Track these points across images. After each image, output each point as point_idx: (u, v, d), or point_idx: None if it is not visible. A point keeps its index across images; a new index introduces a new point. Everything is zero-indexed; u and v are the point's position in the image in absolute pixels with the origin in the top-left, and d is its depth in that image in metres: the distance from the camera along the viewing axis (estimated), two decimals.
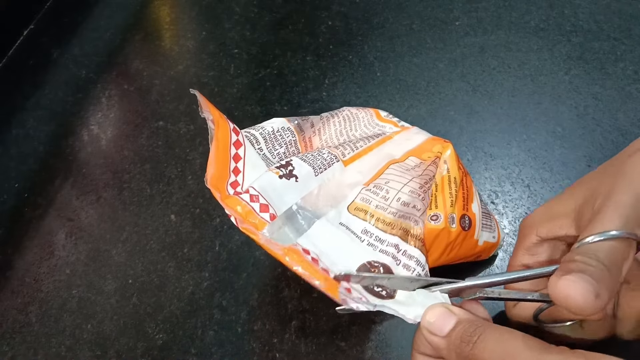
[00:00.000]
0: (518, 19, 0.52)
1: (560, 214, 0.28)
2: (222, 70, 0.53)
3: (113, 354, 0.37)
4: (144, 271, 0.40)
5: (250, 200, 0.29)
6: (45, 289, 0.40)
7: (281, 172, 0.31)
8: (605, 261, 0.22)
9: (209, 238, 0.41)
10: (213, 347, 0.36)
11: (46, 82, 0.55)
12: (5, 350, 0.38)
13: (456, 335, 0.24)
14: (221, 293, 0.38)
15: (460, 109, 0.46)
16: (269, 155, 0.33)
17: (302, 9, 0.57)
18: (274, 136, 0.34)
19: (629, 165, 0.26)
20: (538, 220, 0.30)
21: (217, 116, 0.31)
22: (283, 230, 0.29)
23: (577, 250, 0.23)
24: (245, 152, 0.31)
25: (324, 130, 0.37)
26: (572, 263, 0.23)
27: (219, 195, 0.29)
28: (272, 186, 0.30)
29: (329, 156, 0.33)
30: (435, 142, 0.36)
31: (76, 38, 0.58)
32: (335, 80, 0.50)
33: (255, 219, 0.28)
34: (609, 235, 0.23)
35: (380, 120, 0.39)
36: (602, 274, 0.22)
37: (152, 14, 0.61)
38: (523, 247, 0.30)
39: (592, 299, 0.21)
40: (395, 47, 0.52)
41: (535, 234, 0.29)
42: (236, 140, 0.31)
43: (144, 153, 0.47)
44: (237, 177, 0.30)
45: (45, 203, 0.45)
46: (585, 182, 0.28)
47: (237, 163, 0.30)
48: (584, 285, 0.21)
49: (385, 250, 0.29)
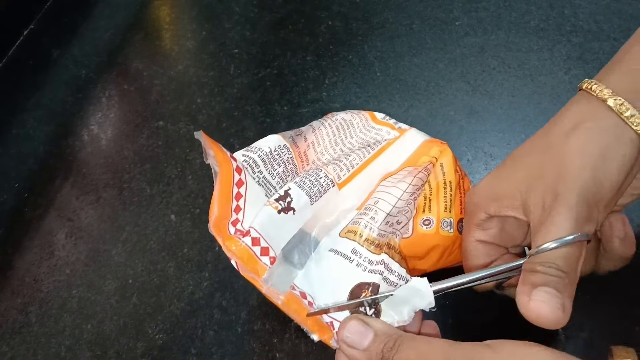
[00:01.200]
0: (518, 19, 0.52)
1: (505, 195, 0.29)
2: (222, 70, 0.53)
3: (113, 354, 0.37)
4: (144, 271, 0.40)
5: (252, 244, 0.29)
6: (45, 289, 0.40)
7: (280, 206, 0.31)
8: (565, 268, 0.24)
9: (209, 238, 0.41)
10: (213, 347, 0.36)
11: (46, 82, 0.55)
12: (5, 350, 0.38)
13: (376, 349, 0.25)
14: (221, 293, 0.38)
15: (460, 109, 0.46)
16: (268, 177, 0.34)
17: (302, 9, 0.57)
18: (272, 156, 0.35)
19: (570, 154, 0.27)
20: (484, 198, 0.30)
21: (221, 158, 0.32)
22: (281, 272, 0.30)
23: (537, 260, 0.25)
24: (247, 189, 0.32)
25: (317, 142, 0.37)
26: (534, 275, 0.25)
27: (220, 239, 0.30)
28: (271, 222, 0.31)
29: (326, 181, 0.33)
30: (432, 145, 0.36)
31: (76, 38, 0.58)
32: (335, 80, 0.50)
33: (257, 264, 0.29)
34: (565, 241, 0.25)
35: (377, 123, 0.38)
36: (564, 284, 0.24)
37: (152, 14, 0.61)
38: (474, 223, 0.31)
39: (560, 314, 0.23)
40: (395, 47, 0.52)
41: (483, 212, 0.30)
42: (238, 180, 0.32)
43: (144, 153, 0.47)
44: (237, 214, 0.31)
45: (45, 203, 0.45)
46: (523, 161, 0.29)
47: (239, 201, 0.31)
48: (551, 302, 0.23)
49: (374, 269, 0.30)
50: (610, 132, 0.27)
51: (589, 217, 0.25)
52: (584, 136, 0.27)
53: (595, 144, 0.26)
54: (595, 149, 0.26)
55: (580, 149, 0.26)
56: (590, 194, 0.25)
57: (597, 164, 0.26)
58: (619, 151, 0.26)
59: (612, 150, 0.26)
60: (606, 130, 0.27)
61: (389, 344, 0.25)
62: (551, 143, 0.28)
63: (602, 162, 0.26)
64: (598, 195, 0.26)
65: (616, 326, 0.34)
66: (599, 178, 0.26)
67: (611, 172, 0.26)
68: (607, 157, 0.26)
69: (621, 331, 0.33)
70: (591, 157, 0.26)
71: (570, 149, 0.27)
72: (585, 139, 0.27)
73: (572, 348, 0.33)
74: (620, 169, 0.26)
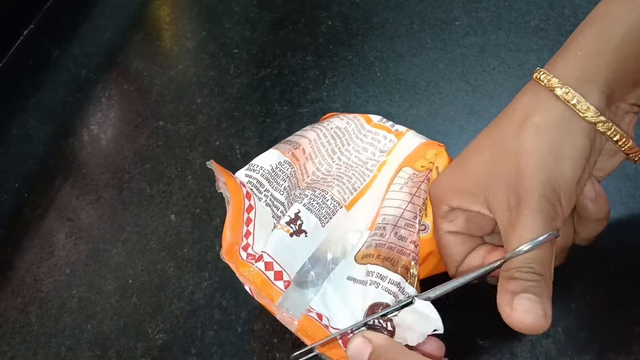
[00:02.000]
0: (518, 19, 0.52)
1: (466, 190, 0.29)
2: (222, 70, 0.53)
3: (113, 354, 0.37)
4: (144, 271, 0.40)
5: (266, 269, 0.30)
6: (45, 289, 0.40)
7: (291, 229, 0.31)
8: (540, 271, 0.25)
9: (209, 238, 0.41)
10: (213, 347, 0.36)
11: (46, 82, 0.55)
12: (5, 350, 0.38)
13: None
14: (221, 293, 0.38)
15: (460, 109, 0.46)
16: (275, 194, 0.34)
17: (302, 9, 0.57)
18: (274, 174, 0.35)
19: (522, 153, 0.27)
20: (446, 191, 0.30)
21: (233, 186, 0.32)
22: (296, 296, 0.31)
23: (514, 265, 0.25)
24: (256, 212, 0.32)
25: (314, 154, 0.37)
26: (513, 282, 0.25)
27: (233, 265, 0.30)
28: (284, 246, 0.31)
29: (333, 203, 0.33)
30: (429, 147, 0.35)
31: (76, 38, 0.58)
32: (335, 80, 0.50)
33: (271, 289, 0.29)
34: (537, 242, 0.25)
35: (373, 126, 0.38)
36: (542, 287, 0.25)
37: (152, 14, 0.61)
38: (439, 215, 0.31)
39: (543, 320, 0.24)
40: (395, 47, 0.52)
41: (446, 204, 0.30)
42: (248, 206, 0.32)
43: (144, 153, 0.47)
44: (247, 239, 0.31)
45: (45, 203, 0.45)
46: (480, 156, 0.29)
47: (249, 226, 0.31)
48: (533, 311, 0.24)
49: (388, 288, 0.29)
50: (560, 125, 0.27)
51: (554, 214, 0.26)
52: (534, 133, 0.27)
53: (545, 141, 0.26)
54: (546, 146, 0.26)
55: (532, 147, 0.26)
56: (549, 192, 0.26)
57: (550, 163, 0.26)
58: (570, 145, 0.26)
59: (563, 146, 0.26)
60: (554, 124, 0.27)
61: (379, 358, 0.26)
62: (503, 138, 0.28)
63: (555, 161, 0.26)
64: (557, 192, 0.26)
65: (616, 326, 0.34)
66: (554, 177, 0.26)
67: (564, 171, 0.26)
68: (559, 155, 0.26)
69: (621, 331, 0.33)
70: (543, 156, 0.26)
71: (522, 147, 0.27)
72: (535, 136, 0.27)
73: (572, 348, 0.33)
74: (574, 165, 0.26)
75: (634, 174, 0.40)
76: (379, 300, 0.29)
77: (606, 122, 0.27)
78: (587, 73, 0.27)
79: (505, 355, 0.33)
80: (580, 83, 0.27)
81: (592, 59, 0.27)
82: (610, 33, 0.27)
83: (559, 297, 0.35)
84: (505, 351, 0.33)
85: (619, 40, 0.26)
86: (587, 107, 0.26)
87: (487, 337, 0.34)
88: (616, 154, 0.29)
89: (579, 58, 0.28)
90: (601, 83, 0.27)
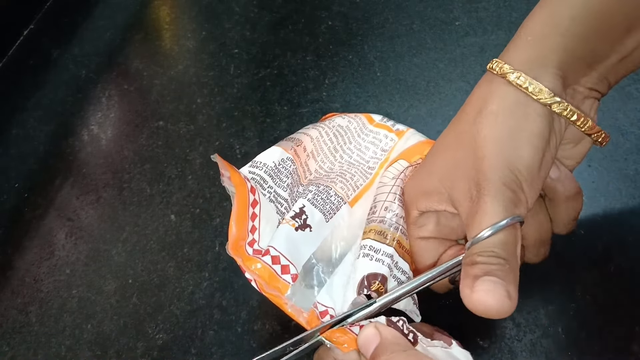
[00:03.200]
0: (518, 19, 0.52)
1: (431, 190, 0.29)
2: (222, 70, 0.53)
3: (113, 354, 0.37)
4: (144, 271, 0.40)
5: (272, 263, 0.30)
6: (45, 289, 0.40)
7: (297, 224, 0.31)
8: (504, 255, 0.24)
9: (209, 238, 0.41)
10: (213, 347, 0.36)
11: (46, 82, 0.55)
12: (5, 350, 0.38)
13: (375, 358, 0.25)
14: (221, 293, 0.38)
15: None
16: (279, 190, 0.34)
17: (302, 9, 0.57)
18: (277, 170, 0.35)
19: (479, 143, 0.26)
20: (414, 196, 0.30)
21: (237, 180, 0.32)
22: (304, 289, 0.31)
23: (475, 250, 0.24)
24: (261, 208, 0.32)
25: (317, 152, 0.37)
26: (475, 266, 0.24)
27: (240, 260, 0.30)
28: (290, 240, 0.31)
29: (337, 199, 0.34)
30: (427, 145, 0.36)
31: (76, 38, 0.58)
32: (335, 80, 0.50)
33: (278, 282, 0.29)
34: (499, 226, 0.24)
35: (374, 126, 0.38)
36: (506, 270, 0.23)
37: (152, 14, 0.61)
38: (410, 222, 0.31)
39: (507, 302, 0.23)
40: (395, 47, 0.52)
41: (415, 209, 0.30)
42: (253, 200, 0.32)
43: (144, 153, 0.47)
44: (253, 235, 0.31)
45: (45, 203, 0.45)
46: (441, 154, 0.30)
47: (254, 221, 0.31)
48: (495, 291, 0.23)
49: (381, 259, 0.30)
50: (515, 111, 0.26)
51: (516, 200, 0.25)
52: (490, 121, 0.26)
53: (501, 128, 0.26)
54: (504, 133, 0.26)
55: (489, 136, 0.26)
56: (509, 178, 0.25)
57: (507, 150, 0.25)
58: (527, 130, 0.26)
59: (520, 132, 0.26)
60: (509, 110, 0.26)
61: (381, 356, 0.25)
62: (461, 131, 0.28)
63: (513, 147, 0.25)
64: (517, 178, 0.25)
65: (616, 326, 0.34)
66: (513, 164, 0.25)
67: (522, 156, 0.25)
68: (516, 140, 0.25)
69: (621, 331, 0.33)
70: (500, 143, 0.26)
71: (479, 136, 0.26)
72: (491, 124, 0.26)
73: (572, 348, 0.33)
74: (533, 150, 0.25)
75: (634, 174, 0.40)
76: (374, 271, 0.29)
77: (561, 103, 0.26)
78: (538, 57, 0.26)
79: (505, 355, 0.33)
80: (532, 67, 0.26)
81: (542, 42, 0.27)
82: (559, 16, 0.26)
83: (559, 297, 0.35)
84: (505, 351, 0.33)
85: (568, 22, 0.26)
86: (539, 89, 0.25)
87: (487, 337, 0.34)
88: (582, 140, 0.29)
89: (529, 43, 0.27)
90: (553, 66, 0.26)
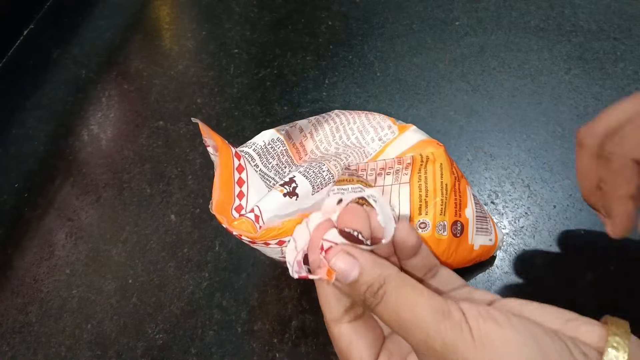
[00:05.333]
0: (518, 19, 0.52)
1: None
2: (222, 70, 0.53)
3: (113, 354, 0.37)
4: (144, 271, 0.40)
5: (255, 221, 0.30)
6: (45, 289, 0.40)
7: (285, 190, 0.31)
8: None
9: (209, 238, 0.41)
10: (213, 347, 0.36)
11: (46, 82, 0.55)
12: (5, 350, 0.38)
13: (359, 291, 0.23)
14: (221, 293, 0.38)
15: (460, 109, 0.46)
16: (265, 170, 0.34)
17: (302, 9, 0.57)
18: (266, 150, 0.35)
19: None
20: None
21: (220, 142, 0.32)
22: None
23: None
24: (248, 175, 0.32)
25: (316, 132, 0.37)
26: None
27: (225, 221, 0.29)
28: (275, 203, 0.31)
29: (328, 175, 0.34)
30: (427, 144, 0.35)
31: (76, 38, 0.58)
32: (335, 80, 0.50)
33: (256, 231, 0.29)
34: None
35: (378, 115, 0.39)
36: None
37: (152, 14, 0.61)
38: None
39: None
40: (395, 47, 0.52)
41: None
42: (239, 165, 0.32)
43: (144, 153, 0.47)
44: (241, 201, 0.31)
45: (45, 203, 0.45)
46: None
47: (242, 187, 0.31)
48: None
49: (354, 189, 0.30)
50: None
51: None
52: None
53: None
54: None
55: None
56: None
57: None
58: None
59: None
60: None
61: (372, 287, 0.22)
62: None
63: None
64: None
65: None
66: None
67: None
68: None
69: None
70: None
71: None
72: None
73: None
74: None
75: None
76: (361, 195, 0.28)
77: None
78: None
79: None
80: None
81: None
82: None
83: (559, 297, 0.35)
84: None
85: None
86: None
87: None
88: None
89: None
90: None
